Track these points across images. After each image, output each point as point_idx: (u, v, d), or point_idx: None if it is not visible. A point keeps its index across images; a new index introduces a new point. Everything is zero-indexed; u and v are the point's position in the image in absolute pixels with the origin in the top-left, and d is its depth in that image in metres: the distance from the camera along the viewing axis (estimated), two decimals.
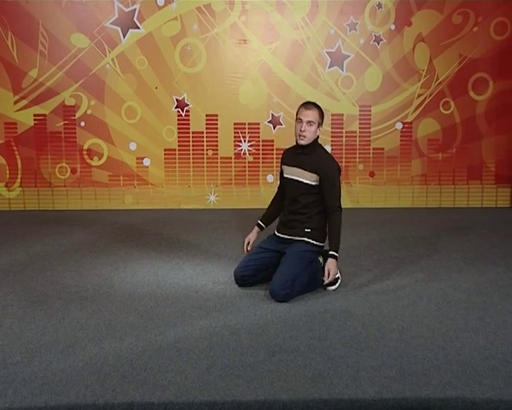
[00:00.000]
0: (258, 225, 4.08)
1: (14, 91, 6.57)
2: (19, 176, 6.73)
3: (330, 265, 3.64)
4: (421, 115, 6.75)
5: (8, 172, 6.72)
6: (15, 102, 6.58)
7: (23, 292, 3.77)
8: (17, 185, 6.75)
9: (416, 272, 4.22)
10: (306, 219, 3.77)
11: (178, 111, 6.70)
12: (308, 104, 3.80)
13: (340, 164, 3.95)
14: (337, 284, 3.84)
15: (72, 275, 4.16)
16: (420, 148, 6.81)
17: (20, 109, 6.60)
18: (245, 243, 4.04)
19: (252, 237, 4.04)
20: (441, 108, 6.74)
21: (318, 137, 3.83)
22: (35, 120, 6.63)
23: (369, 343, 2.96)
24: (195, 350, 2.87)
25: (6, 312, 3.42)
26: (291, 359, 2.77)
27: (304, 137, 3.74)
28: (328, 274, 3.63)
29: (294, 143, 3.90)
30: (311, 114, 3.74)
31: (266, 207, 4.17)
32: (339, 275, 3.87)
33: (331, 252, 3.68)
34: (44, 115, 6.63)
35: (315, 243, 3.76)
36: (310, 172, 3.74)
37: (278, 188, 4.09)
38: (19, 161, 6.70)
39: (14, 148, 6.67)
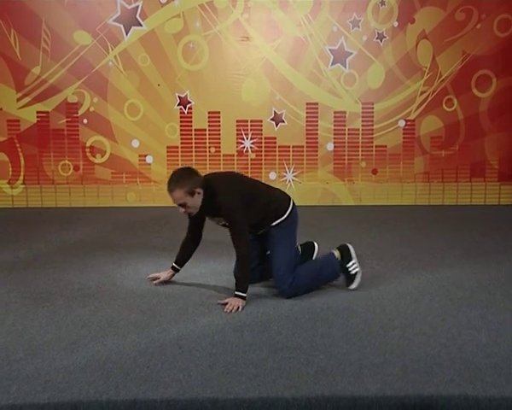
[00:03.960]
0: (173, 267, 3.86)
1: (16, 88, 6.58)
2: (21, 173, 6.74)
3: (232, 300, 3.39)
4: (424, 113, 6.74)
5: (10, 169, 6.73)
6: (18, 100, 6.59)
7: (26, 289, 3.78)
8: (20, 183, 6.76)
9: (418, 269, 4.21)
10: (266, 222, 3.62)
11: (181, 108, 6.70)
12: (169, 186, 3.40)
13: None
14: (357, 282, 3.72)
15: (75, 272, 4.16)
16: (423, 145, 6.80)
17: (23, 106, 6.61)
18: (152, 275, 3.88)
19: (163, 275, 3.84)
20: (444, 106, 6.73)
21: (202, 185, 3.46)
22: (38, 117, 6.64)
23: (371, 341, 2.96)
24: (198, 347, 2.87)
25: (9, 309, 3.43)
26: (294, 356, 2.77)
27: (189, 213, 3.54)
28: (226, 304, 3.39)
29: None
30: (176, 198, 3.38)
31: None
32: (358, 269, 3.72)
33: (236, 292, 3.43)
34: (47, 112, 6.63)
35: (282, 218, 3.60)
36: (218, 217, 3.57)
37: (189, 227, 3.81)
38: (21, 159, 6.71)
39: (17, 145, 6.68)
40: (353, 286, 3.72)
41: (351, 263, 3.73)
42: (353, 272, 3.73)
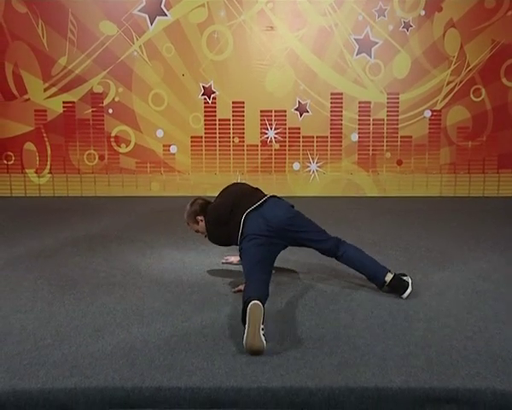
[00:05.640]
0: None
1: (43, 79, 6.66)
2: (48, 162, 6.84)
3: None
4: (451, 103, 6.63)
5: (38, 158, 6.83)
6: (45, 90, 6.68)
7: (52, 277, 3.84)
8: (47, 172, 6.86)
9: (443, 261, 4.16)
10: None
11: (205, 98, 6.71)
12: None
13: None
14: (408, 291, 3.45)
15: (100, 261, 4.22)
16: (449, 136, 6.71)
17: (50, 97, 6.69)
18: (226, 258, 3.99)
19: (232, 258, 3.97)
20: (472, 96, 6.61)
21: (201, 212, 3.77)
22: (64, 107, 6.72)
23: (395, 332, 2.94)
24: (222, 337, 2.89)
25: (36, 296, 3.49)
26: (317, 346, 2.77)
27: (203, 234, 3.83)
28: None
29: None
30: (190, 227, 3.89)
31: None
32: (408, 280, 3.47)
33: None
34: (73, 102, 6.71)
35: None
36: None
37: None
38: (48, 148, 6.81)
39: (44, 135, 6.78)
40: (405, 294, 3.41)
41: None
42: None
